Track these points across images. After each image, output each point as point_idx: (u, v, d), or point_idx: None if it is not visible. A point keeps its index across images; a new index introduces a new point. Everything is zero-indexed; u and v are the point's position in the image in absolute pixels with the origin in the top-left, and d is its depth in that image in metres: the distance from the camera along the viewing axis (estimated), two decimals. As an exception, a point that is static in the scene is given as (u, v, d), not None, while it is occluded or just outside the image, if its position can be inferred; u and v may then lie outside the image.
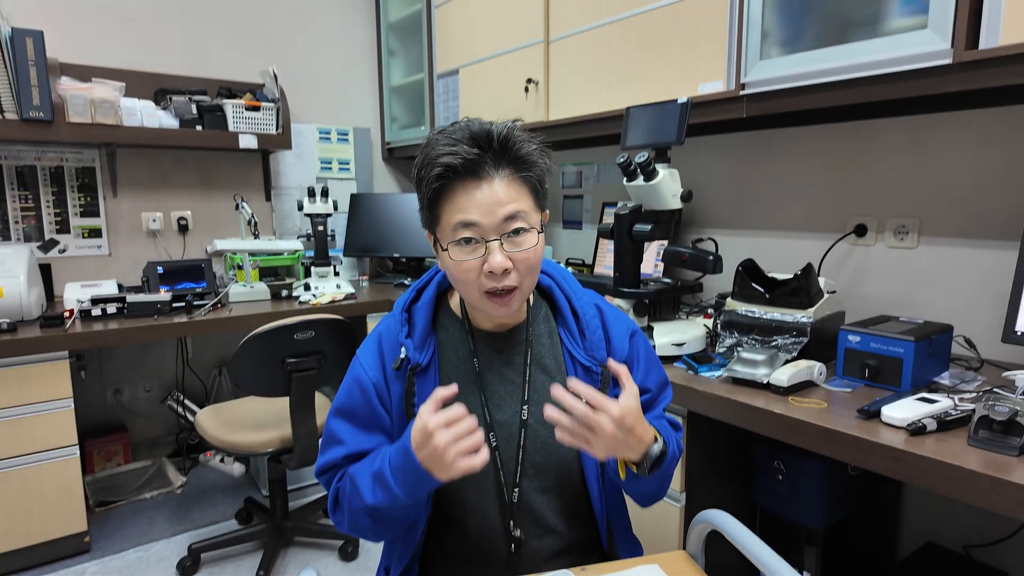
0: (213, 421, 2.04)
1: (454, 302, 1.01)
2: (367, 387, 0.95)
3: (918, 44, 1.27)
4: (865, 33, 1.38)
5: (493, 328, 0.97)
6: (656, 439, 0.88)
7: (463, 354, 0.97)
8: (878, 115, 1.68)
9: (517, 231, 0.86)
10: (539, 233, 0.88)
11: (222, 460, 2.79)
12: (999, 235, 1.51)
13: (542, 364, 0.98)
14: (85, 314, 2.15)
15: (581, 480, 0.97)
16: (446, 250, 0.87)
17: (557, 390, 0.81)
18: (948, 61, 1.23)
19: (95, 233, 2.63)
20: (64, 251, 2.57)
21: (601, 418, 0.79)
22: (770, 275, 1.57)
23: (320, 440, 1.02)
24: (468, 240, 0.85)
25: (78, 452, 2.04)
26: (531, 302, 1.00)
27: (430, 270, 1.04)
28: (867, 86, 1.38)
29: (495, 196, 0.84)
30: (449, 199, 0.86)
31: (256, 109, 2.68)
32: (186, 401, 2.79)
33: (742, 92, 1.61)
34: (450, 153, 0.83)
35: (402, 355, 0.94)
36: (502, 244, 0.85)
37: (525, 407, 0.95)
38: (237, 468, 2.75)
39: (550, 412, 0.81)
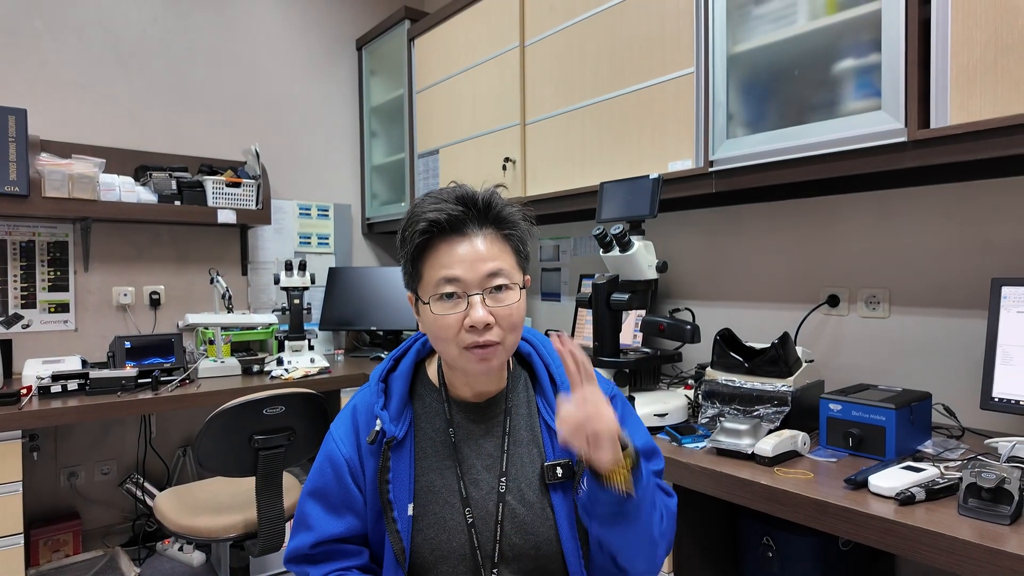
0: (173, 504, 1.91)
1: (432, 371, 0.98)
2: (339, 465, 0.92)
3: (873, 124, 1.35)
4: (823, 114, 1.46)
5: (471, 398, 0.95)
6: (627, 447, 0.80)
7: (439, 425, 0.94)
8: (842, 191, 1.75)
9: (499, 287, 0.86)
10: (521, 290, 0.89)
11: (181, 548, 2.60)
12: (967, 304, 1.55)
13: (518, 435, 0.94)
14: (44, 391, 2.06)
15: (562, 566, 0.91)
16: (427, 304, 0.86)
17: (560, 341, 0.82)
18: (903, 139, 1.30)
19: (62, 308, 2.56)
20: (28, 326, 2.49)
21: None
22: (748, 344, 1.57)
23: (291, 523, 0.97)
24: (450, 295, 0.85)
25: (22, 542, 1.89)
26: (511, 368, 0.98)
27: (409, 338, 1.02)
28: (828, 163, 1.44)
29: (478, 252, 0.85)
30: (432, 255, 0.86)
31: (237, 185, 2.71)
32: (145, 484, 2.63)
33: (711, 169, 1.67)
34: (435, 210, 0.85)
35: (377, 427, 0.91)
36: (484, 299, 0.85)
37: (503, 479, 0.91)
38: (197, 557, 2.57)
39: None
